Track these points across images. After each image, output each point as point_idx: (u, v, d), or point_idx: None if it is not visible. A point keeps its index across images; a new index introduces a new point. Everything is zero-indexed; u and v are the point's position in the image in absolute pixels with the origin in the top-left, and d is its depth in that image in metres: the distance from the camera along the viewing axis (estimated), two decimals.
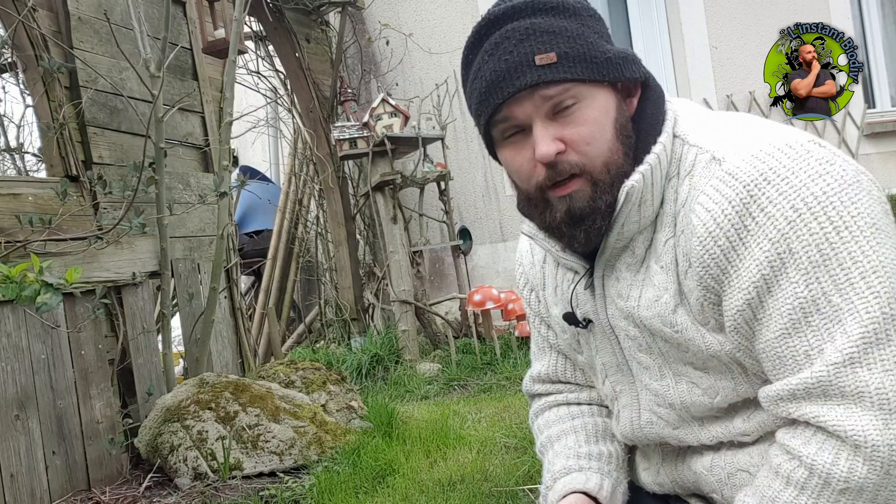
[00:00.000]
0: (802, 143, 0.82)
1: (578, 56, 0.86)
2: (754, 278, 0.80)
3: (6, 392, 2.35)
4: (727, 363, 0.90)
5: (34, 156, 3.86)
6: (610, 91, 0.89)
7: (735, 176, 0.81)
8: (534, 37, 0.86)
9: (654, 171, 0.88)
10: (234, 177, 4.52)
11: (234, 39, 3.07)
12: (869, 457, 0.74)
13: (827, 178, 0.79)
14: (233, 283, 3.42)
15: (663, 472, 1.07)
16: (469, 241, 4.80)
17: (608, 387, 1.08)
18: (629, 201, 0.88)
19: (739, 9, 5.47)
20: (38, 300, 1.86)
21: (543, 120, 0.87)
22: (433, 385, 3.74)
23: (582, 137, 0.87)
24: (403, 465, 2.40)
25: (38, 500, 2.39)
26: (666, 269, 0.90)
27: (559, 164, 0.87)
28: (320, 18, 5.00)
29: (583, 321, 1.03)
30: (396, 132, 4.31)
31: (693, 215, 0.84)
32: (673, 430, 1.00)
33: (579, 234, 0.91)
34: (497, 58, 0.87)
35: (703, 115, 0.95)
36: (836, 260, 0.77)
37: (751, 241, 0.80)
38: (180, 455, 2.50)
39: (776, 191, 0.79)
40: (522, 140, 0.90)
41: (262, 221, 6.05)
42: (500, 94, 0.87)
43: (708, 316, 0.87)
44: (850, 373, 0.76)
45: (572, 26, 0.87)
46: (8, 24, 2.70)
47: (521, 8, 0.88)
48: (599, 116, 0.87)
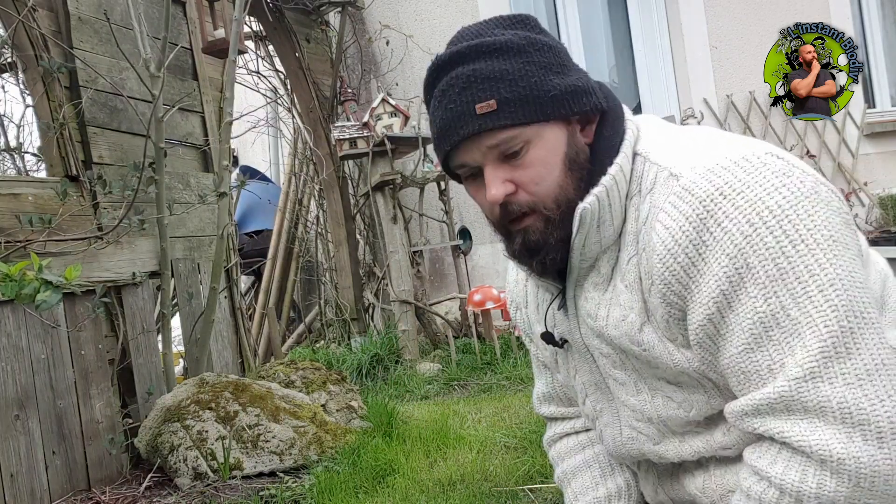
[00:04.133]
0: (759, 156, 0.81)
1: (520, 99, 0.86)
2: (713, 294, 0.80)
3: (6, 392, 2.35)
4: (697, 378, 0.90)
5: (34, 155, 3.85)
6: (559, 126, 0.89)
7: (691, 191, 0.81)
8: (475, 84, 0.87)
9: (611, 192, 0.89)
10: (234, 177, 4.52)
11: (234, 39, 3.07)
12: (836, 470, 0.74)
13: (783, 190, 0.78)
14: (233, 282, 3.41)
15: (661, 491, 1.08)
16: (469, 240, 4.80)
17: (589, 406, 1.09)
18: (584, 223, 0.89)
19: (739, 9, 5.47)
20: (38, 298, 1.86)
21: (493, 163, 0.89)
22: (433, 385, 3.74)
23: (531, 179, 0.89)
24: (403, 465, 2.40)
25: (37, 500, 2.39)
26: (630, 287, 0.91)
27: (510, 204, 0.90)
28: (320, 18, 5.00)
29: (559, 341, 1.05)
30: (396, 132, 4.31)
31: (653, 233, 0.85)
32: (654, 446, 1.00)
33: (535, 265, 0.94)
34: (444, 106, 0.89)
35: (667, 131, 0.95)
36: (793, 273, 0.76)
37: (709, 256, 0.80)
38: (180, 455, 2.49)
39: (731, 205, 0.79)
40: (479, 179, 0.93)
41: (262, 221, 6.05)
42: (447, 142, 0.90)
43: (675, 332, 0.88)
44: (812, 387, 0.75)
45: (515, 67, 0.87)
46: (8, 24, 2.70)
47: (465, 53, 0.88)
48: (547, 156, 0.89)
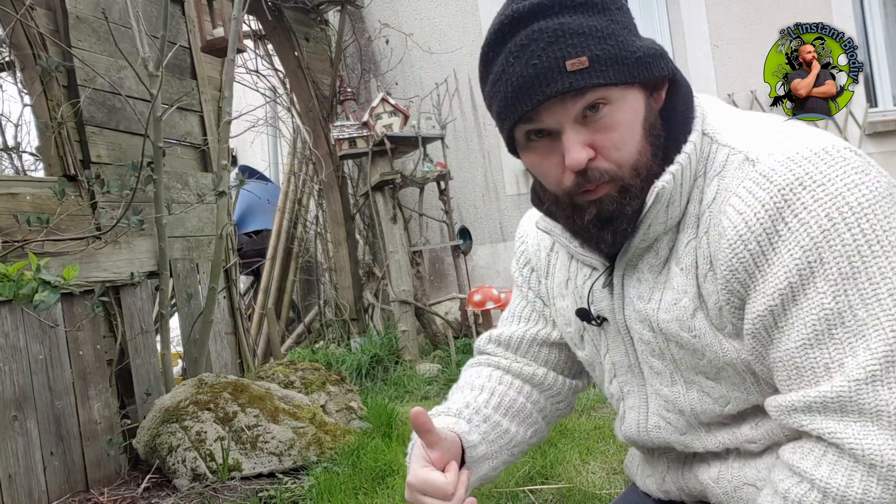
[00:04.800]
0: (839, 150, 0.79)
1: (610, 58, 0.82)
2: (781, 285, 0.78)
3: (4, 392, 2.34)
4: (741, 372, 0.88)
5: (32, 155, 3.85)
6: (639, 90, 0.86)
7: (769, 178, 0.79)
8: (563, 39, 0.81)
9: (685, 171, 0.86)
10: (232, 176, 4.50)
11: (233, 38, 3.05)
12: (884, 476, 0.73)
13: (862, 188, 0.77)
14: (232, 283, 3.40)
15: (669, 479, 1.06)
16: (469, 240, 4.79)
17: (615, 386, 1.06)
18: (658, 202, 0.85)
19: (740, 8, 5.47)
20: (36, 298, 1.85)
21: (573, 126, 0.84)
22: (433, 385, 3.73)
23: (613, 143, 0.84)
24: (403, 466, 2.38)
25: (35, 501, 2.38)
26: (685, 271, 0.88)
27: (590, 171, 0.84)
28: (319, 17, 4.99)
29: (596, 319, 1.01)
30: (396, 131, 4.30)
31: (723, 216, 0.82)
32: (680, 436, 0.99)
33: (607, 236, 0.88)
34: (524, 61, 0.82)
35: (732, 113, 0.92)
36: (865, 274, 0.75)
37: (781, 246, 0.78)
38: (179, 456, 2.48)
39: (812, 197, 0.76)
40: (550, 144, 0.86)
41: (262, 221, 6.04)
42: (529, 100, 0.83)
43: (725, 321, 0.85)
44: (871, 390, 0.74)
45: (602, 24, 0.83)
46: (6, 23, 2.69)
47: (548, 5, 0.83)
48: (630, 119, 0.84)
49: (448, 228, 4.65)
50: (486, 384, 1.12)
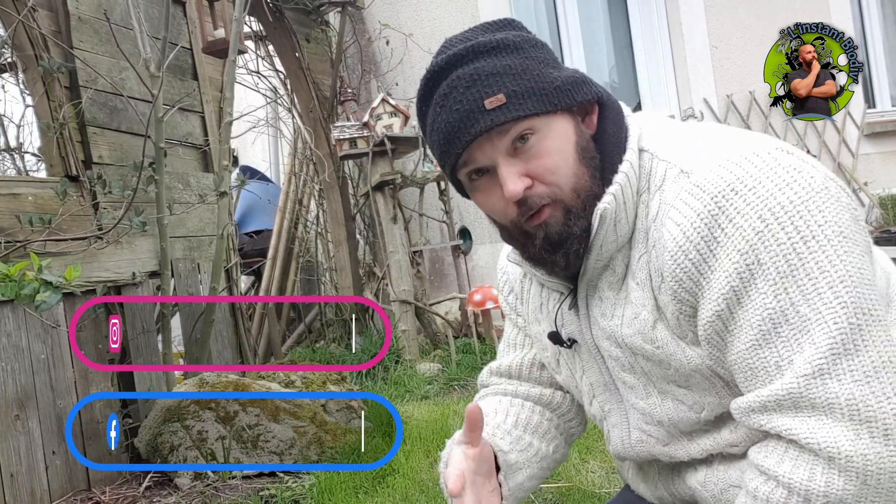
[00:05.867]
0: (769, 151, 0.81)
1: (526, 92, 0.86)
2: (723, 290, 0.80)
3: (6, 392, 2.35)
4: (709, 377, 0.89)
5: (34, 155, 3.85)
6: (566, 117, 0.89)
7: (702, 188, 0.81)
8: (480, 81, 0.86)
9: (625, 190, 0.88)
10: (233, 176, 4.51)
11: (234, 39, 3.07)
12: (844, 468, 0.74)
13: (794, 186, 0.78)
14: (233, 282, 3.41)
15: (661, 486, 1.08)
16: (469, 240, 4.80)
17: (596, 407, 1.08)
18: (604, 223, 0.88)
19: (739, 8, 5.47)
20: (38, 298, 1.86)
21: (506, 158, 0.87)
22: (433, 385, 3.74)
23: (546, 169, 0.87)
24: (403, 465, 2.40)
25: (37, 500, 2.39)
26: (641, 285, 0.90)
27: (529, 198, 0.88)
28: (320, 18, 4.99)
29: (567, 341, 1.03)
30: (396, 132, 4.31)
31: (664, 229, 0.84)
32: (663, 447, 1.00)
33: (559, 259, 0.91)
34: (448, 108, 0.87)
35: (670, 127, 0.94)
36: (803, 270, 0.76)
37: (720, 252, 0.79)
38: (180, 455, 2.49)
39: (743, 201, 0.78)
40: (489, 181, 0.90)
41: (262, 221, 6.05)
42: (458, 143, 0.88)
43: (685, 329, 0.87)
44: (820, 384, 0.75)
45: (516, 62, 0.87)
46: (8, 24, 2.70)
47: (463, 54, 0.88)
48: (560, 145, 0.88)
49: (448, 228, 4.66)
50: (499, 407, 1.15)
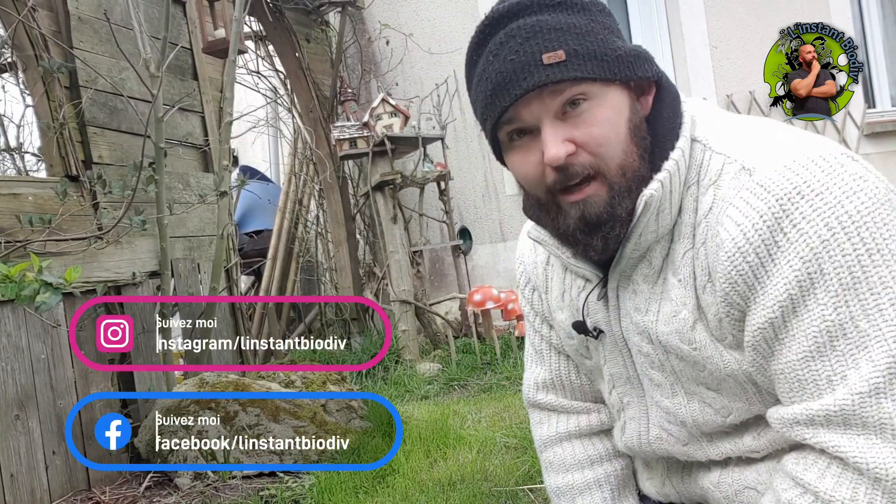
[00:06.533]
0: (836, 156, 0.77)
1: (588, 53, 0.81)
2: (781, 297, 0.76)
3: (6, 392, 2.35)
4: (742, 383, 0.86)
5: (34, 155, 3.85)
6: (622, 90, 0.84)
7: (766, 188, 0.77)
8: (540, 34, 0.81)
9: (673, 179, 0.83)
10: (234, 176, 4.52)
11: (234, 39, 3.07)
12: (889, 490, 0.72)
13: (860, 195, 0.75)
14: (233, 282, 3.41)
15: (668, 483, 1.05)
16: (469, 240, 4.80)
17: (615, 397, 1.04)
18: (647, 210, 0.83)
19: (739, 8, 5.47)
20: (38, 299, 1.86)
21: (552, 121, 0.82)
22: (433, 385, 3.74)
23: (594, 138, 0.82)
24: (403, 465, 2.40)
25: (38, 500, 2.39)
26: (683, 282, 0.86)
27: (570, 166, 0.82)
28: (320, 18, 4.99)
29: (593, 331, 0.98)
30: (396, 132, 4.31)
31: (721, 228, 0.80)
32: (682, 447, 0.97)
33: (596, 242, 0.86)
34: (502, 58, 0.82)
35: (724, 118, 0.90)
36: (866, 284, 0.73)
37: (781, 257, 0.76)
38: (180, 455, 2.49)
39: (810, 206, 0.75)
40: (530, 143, 0.85)
41: (262, 221, 6.05)
42: (506, 96, 0.82)
43: (725, 332, 0.84)
44: (874, 403, 0.72)
45: (581, 22, 0.82)
46: (8, 24, 2.70)
47: (527, 5, 0.83)
48: (612, 116, 0.82)
49: (448, 228, 4.66)
50: (586, 476, 1.11)
